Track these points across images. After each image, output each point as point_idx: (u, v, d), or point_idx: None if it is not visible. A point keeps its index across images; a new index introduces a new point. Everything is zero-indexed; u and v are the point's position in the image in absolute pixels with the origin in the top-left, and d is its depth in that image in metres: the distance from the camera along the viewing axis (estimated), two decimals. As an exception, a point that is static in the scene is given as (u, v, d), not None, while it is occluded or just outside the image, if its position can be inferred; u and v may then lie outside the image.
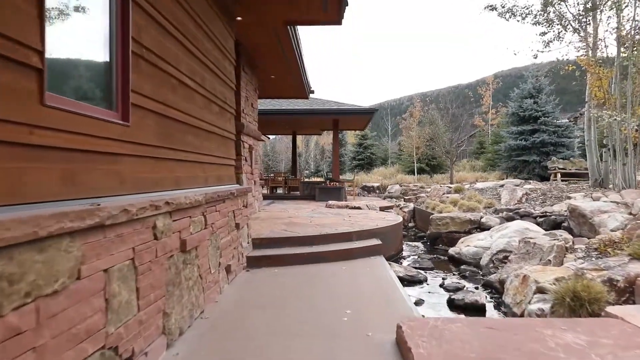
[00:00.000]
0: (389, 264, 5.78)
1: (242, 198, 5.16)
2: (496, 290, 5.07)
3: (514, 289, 4.40)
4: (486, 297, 4.75)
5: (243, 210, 5.15)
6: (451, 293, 5.10)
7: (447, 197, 12.05)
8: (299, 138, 39.94)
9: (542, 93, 23.69)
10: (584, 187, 11.83)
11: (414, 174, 30.78)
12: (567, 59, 11.72)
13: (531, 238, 5.21)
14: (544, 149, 22.02)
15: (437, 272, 6.33)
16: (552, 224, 7.61)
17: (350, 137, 44.42)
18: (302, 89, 10.96)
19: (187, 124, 3.56)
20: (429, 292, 5.19)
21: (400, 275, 5.60)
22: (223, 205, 4.26)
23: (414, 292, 5.22)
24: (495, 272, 5.84)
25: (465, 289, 5.29)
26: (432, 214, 9.64)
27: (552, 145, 22.08)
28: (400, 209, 12.26)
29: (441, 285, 5.45)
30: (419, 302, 4.72)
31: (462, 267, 6.46)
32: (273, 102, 15.15)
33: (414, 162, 31.99)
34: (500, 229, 6.90)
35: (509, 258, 5.22)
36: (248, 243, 5.35)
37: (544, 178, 20.19)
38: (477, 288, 5.34)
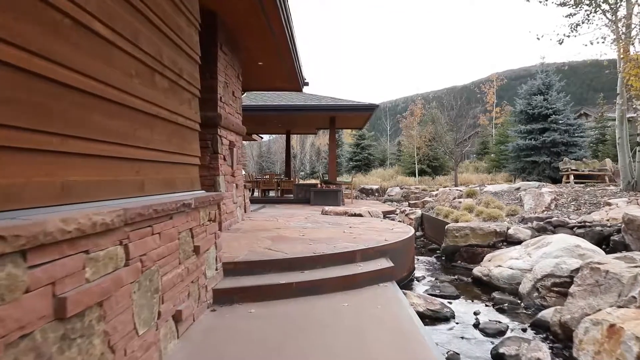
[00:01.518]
0: (404, 292, 4.43)
1: (208, 209, 3.77)
2: (555, 335, 3.72)
3: (594, 343, 3.05)
4: (548, 351, 3.37)
5: (209, 226, 3.76)
6: (492, 339, 3.76)
7: (459, 202, 10.71)
8: (294, 138, 38.60)
9: (552, 89, 22.32)
10: (613, 190, 10.51)
11: (415, 176, 29.41)
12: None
13: (599, 263, 3.85)
14: (555, 148, 20.69)
15: (464, 302, 4.98)
16: (596, 237, 6.27)
17: (347, 137, 43.01)
18: (295, 79, 9.58)
19: (96, 95, 2.18)
20: (462, 338, 3.82)
21: (420, 310, 4.24)
22: (169, 223, 2.87)
23: (441, 336, 3.86)
24: (543, 304, 4.50)
25: (509, 331, 3.93)
26: (445, 222, 8.30)
27: (563, 144, 20.76)
28: (406, 215, 10.91)
29: (476, 326, 4.09)
30: (452, 359, 3.36)
31: (494, 294, 5.10)
32: (265, 97, 13.84)
33: (414, 163, 30.60)
34: (539, 244, 5.56)
35: (571, 291, 3.86)
36: (217, 270, 3.96)
37: (555, 180, 18.89)
38: (524, 330, 3.99)
